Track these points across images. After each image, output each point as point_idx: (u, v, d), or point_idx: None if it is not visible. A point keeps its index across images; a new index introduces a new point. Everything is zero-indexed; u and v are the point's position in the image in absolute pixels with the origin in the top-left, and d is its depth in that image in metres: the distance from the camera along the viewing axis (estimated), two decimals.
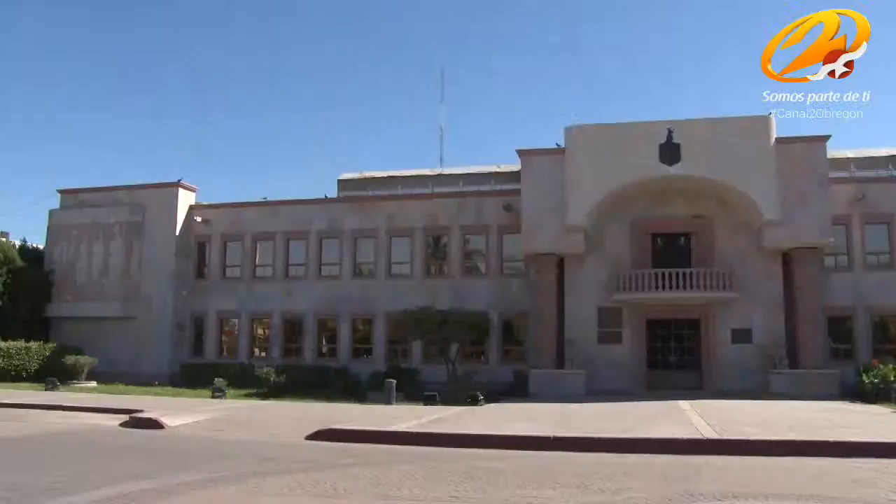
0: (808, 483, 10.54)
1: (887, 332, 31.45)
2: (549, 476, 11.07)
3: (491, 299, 33.35)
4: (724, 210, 31.49)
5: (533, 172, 31.54)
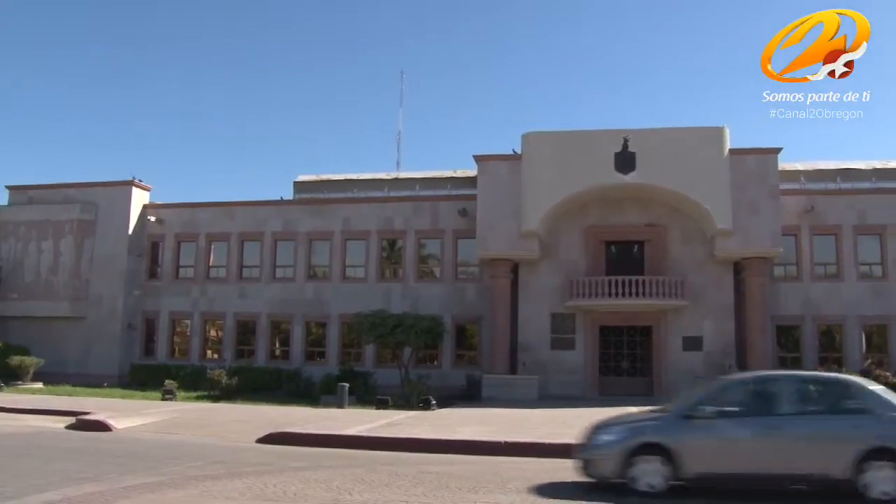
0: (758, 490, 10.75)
1: (833, 341, 32.11)
2: (500, 481, 11.15)
3: (445, 303, 33.40)
4: (677, 219, 31.90)
5: (489, 178, 31.66)
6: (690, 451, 10.42)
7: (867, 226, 32.03)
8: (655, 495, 10.31)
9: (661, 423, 11.14)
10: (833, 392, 11.24)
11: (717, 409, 10.85)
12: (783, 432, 10.41)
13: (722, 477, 10.50)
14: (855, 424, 10.45)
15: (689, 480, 10.47)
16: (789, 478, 10.44)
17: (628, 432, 11.06)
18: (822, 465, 10.23)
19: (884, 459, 10.01)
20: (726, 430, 10.57)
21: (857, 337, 31.60)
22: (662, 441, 10.53)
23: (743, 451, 10.45)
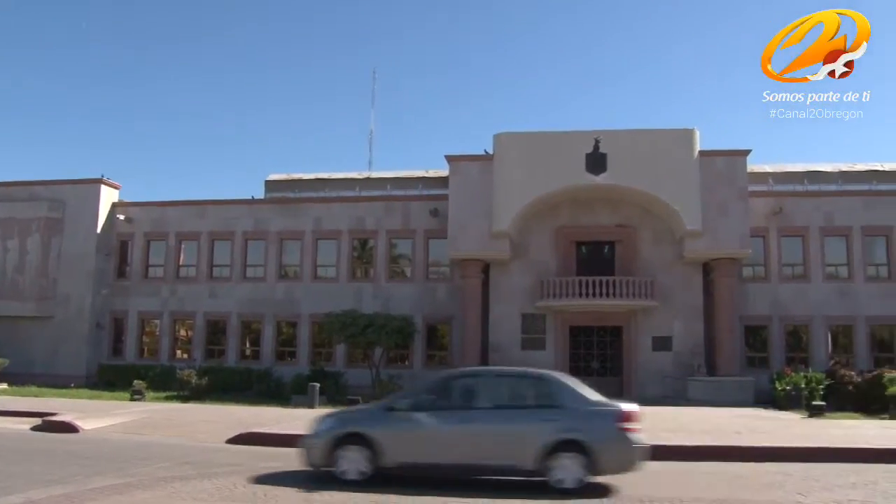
0: (722, 487, 10.87)
1: (800, 341, 32.48)
2: (468, 480, 11.18)
3: (416, 304, 33.42)
4: (647, 220, 32.14)
5: (461, 178, 31.71)
6: (390, 442, 10.99)
7: (833, 227, 32.48)
8: (355, 483, 10.81)
9: (367, 414, 12.00)
10: (529, 387, 11.79)
11: (416, 402, 11.46)
12: (476, 425, 11.03)
13: (420, 466, 11.08)
14: (544, 418, 10.93)
15: (389, 469, 10.98)
16: (482, 468, 11.06)
17: (337, 423, 11.69)
18: (511, 457, 10.79)
19: (570, 451, 10.57)
20: (423, 423, 11.10)
21: (822, 337, 32.01)
22: (365, 431, 11.11)
23: (438, 443, 11.03)
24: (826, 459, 13.48)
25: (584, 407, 11.03)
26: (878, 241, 32.65)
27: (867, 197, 33.13)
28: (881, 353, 31.79)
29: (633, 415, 10.96)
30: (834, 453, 13.95)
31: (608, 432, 10.73)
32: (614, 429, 10.75)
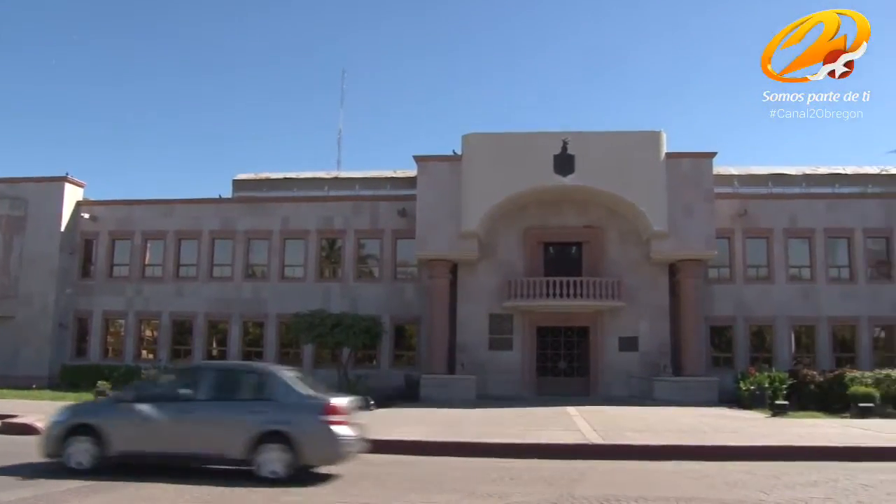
0: (687, 486, 10.95)
1: (764, 342, 32.92)
2: (437, 481, 11.18)
3: (384, 304, 33.39)
4: (614, 221, 32.35)
5: (429, 178, 31.71)
6: (114, 432, 11.48)
7: (797, 229, 32.96)
8: (81, 472, 11.26)
9: (97, 406, 12.82)
10: (246, 380, 12.32)
11: (140, 394, 12.23)
12: (192, 416, 11.57)
13: (141, 455, 11.61)
14: (253, 410, 11.46)
15: (114, 458, 11.48)
16: (196, 457, 11.58)
17: (70, 414, 12.22)
18: (221, 447, 11.35)
19: (275, 442, 11.06)
20: (144, 413, 11.57)
21: (786, 337, 32.48)
22: (92, 422, 11.64)
23: (158, 432, 11.51)
24: (788, 458, 13.64)
25: (294, 400, 11.49)
26: (840, 243, 33.20)
27: (830, 200, 33.68)
28: (842, 352, 32.34)
29: (338, 408, 11.43)
30: (796, 452, 14.12)
31: (312, 425, 11.19)
32: (318, 422, 11.19)
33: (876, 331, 32.96)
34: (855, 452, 14.12)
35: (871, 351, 32.14)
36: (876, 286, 32.76)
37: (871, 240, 33.18)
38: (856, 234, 32.87)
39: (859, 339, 32.39)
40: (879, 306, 32.36)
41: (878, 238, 33.24)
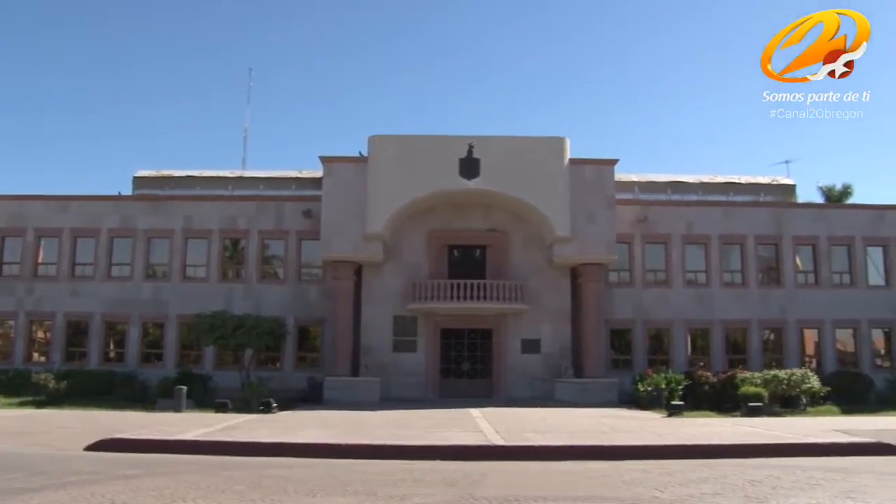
0: (585, 485, 11.14)
1: (661, 344, 33.93)
2: (338, 484, 11.08)
3: (288, 305, 33.05)
4: (518, 225, 32.80)
5: (335, 179, 31.56)
6: None
7: (694, 235, 34.07)
8: None
9: None
10: None
11: None
12: None
13: None
14: None
15: None
16: None
17: None
18: None
19: None
20: None
21: (682, 340, 33.57)
22: None
23: None
24: (683, 456, 14.01)
25: None
26: (734, 249, 34.48)
27: (725, 207, 34.95)
28: (735, 354, 33.60)
29: None
30: (690, 450, 14.51)
31: None
32: None
33: (765, 333, 34.39)
34: (744, 449, 14.62)
35: (760, 353, 33.50)
36: (765, 290, 34.18)
37: (762, 246, 34.58)
38: (748, 241, 34.20)
39: (750, 341, 33.70)
40: (769, 310, 33.78)
41: (768, 245, 34.65)
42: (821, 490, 10.22)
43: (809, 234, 34.55)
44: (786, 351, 33.54)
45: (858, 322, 34.14)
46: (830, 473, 11.75)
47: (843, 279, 34.65)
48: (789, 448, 14.85)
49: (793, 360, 32.45)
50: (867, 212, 35.54)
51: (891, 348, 34.67)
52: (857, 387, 29.06)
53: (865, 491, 10.15)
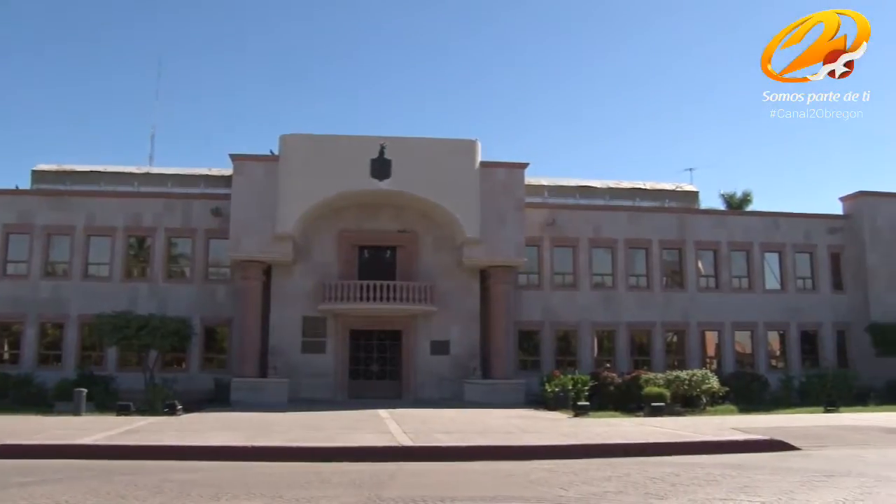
0: (492, 485, 11.27)
1: (569, 346, 34.53)
2: (244, 486, 10.95)
3: (195, 305, 32.39)
4: (429, 226, 32.93)
5: (245, 178, 31.15)
6: None
7: (601, 239, 34.81)
8: None
9: None
10: None
11: None
12: None
13: None
14: None
15: None
16: None
17: None
18: None
19: None
20: None
21: (589, 341, 34.29)
22: None
23: None
24: (588, 455, 14.30)
25: None
26: (639, 253, 35.39)
27: (631, 212, 35.86)
28: (639, 356, 34.50)
29: None
30: (595, 449, 14.82)
31: None
32: None
33: (668, 335, 35.40)
34: (646, 448, 15.03)
35: (664, 354, 34.47)
36: (669, 294, 35.20)
37: (666, 251, 35.60)
38: (653, 246, 35.15)
39: (654, 343, 34.63)
40: (672, 312, 34.80)
41: (672, 249, 35.68)
42: (717, 486, 10.60)
43: (711, 240, 35.76)
44: (688, 352, 34.59)
45: (755, 324, 35.50)
46: (727, 470, 12.19)
47: (741, 283, 35.94)
48: (689, 446, 15.33)
49: (694, 362, 33.54)
50: (764, 219, 37.04)
51: (785, 350, 36.14)
52: (753, 387, 30.20)
53: (758, 486, 10.57)
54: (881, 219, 36.78)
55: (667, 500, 9.49)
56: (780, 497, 9.71)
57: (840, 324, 36.42)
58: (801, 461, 13.47)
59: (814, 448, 15.48)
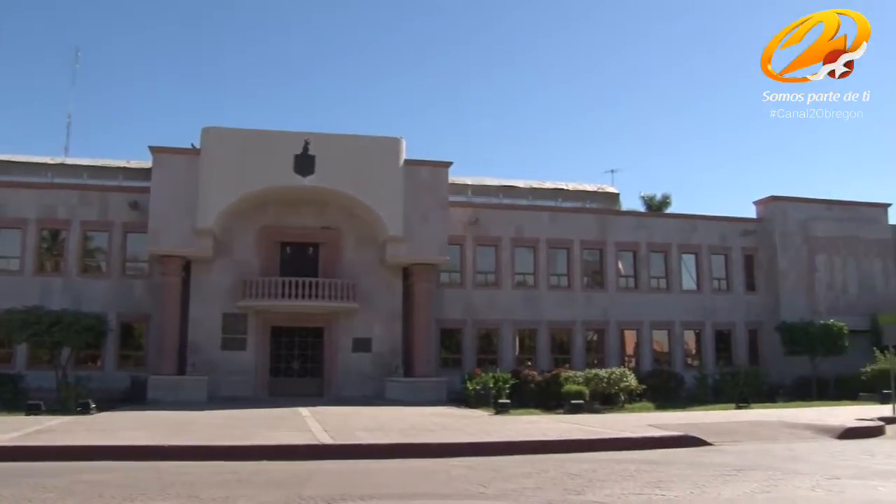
0: (412, 482, 11.30)
1: (491, 343, 34.78)
2: (160, 487, 10.73)
3: (111, 301, 31.52)
4: (352, 224, 32.79)
5: (165, 171, 30.51)
6: None
7: (523, 238, 35.15)
8: None
9: None
10: None
11: None
12: None
13: None
14: None
15: None
16: None
17: None
18: None
19: None
20: None
21: (511, 340, 34.62)
22: None
23: None
24: (508, 453, 14.44)
25: None
26: (560, 253, 35.86)
27: (552, 212, 36.35)
28: (560, 354, 34.98)
29: None
30: (515, 447, 14.97)
31: None
32: None
33: (589, 334, 35.97)
34: (565, 445, 15.23)
35: (584, 352, 35.02)
36: (589, 293, 35.78)
37: (587, 251, 36.15)
38: (574, 246, 35.67)
39: (574, 341, 35.15)
40: (592, 312, 35.38)
41: (592, 250, 36.25)
42: (633, 481, 10.83)
43: (631, 241, 36.48)
44: (607, 351, 35.21)
45: (672, 324, 36.38)
46: (643, 465, 12.46)
47: (660, 284, 36.75)
48: (607, 443, 15.63)
49: (614, 360, 34.16)
50: (682, 221, 38.00)
51: (700, 348, 37.09)
52: (670, 384, 31.03)
53: (672, 480, 10.85)
54: (791, 223, 38.06)
55: (584, 496, 9.65)
56: (692, 491, 9.98)
57: (752, 323, 37.61)
58: (713, 456, 13.87)
59: (726, 443, 15.99)
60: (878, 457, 13.92)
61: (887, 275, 38.86)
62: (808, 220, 38.14)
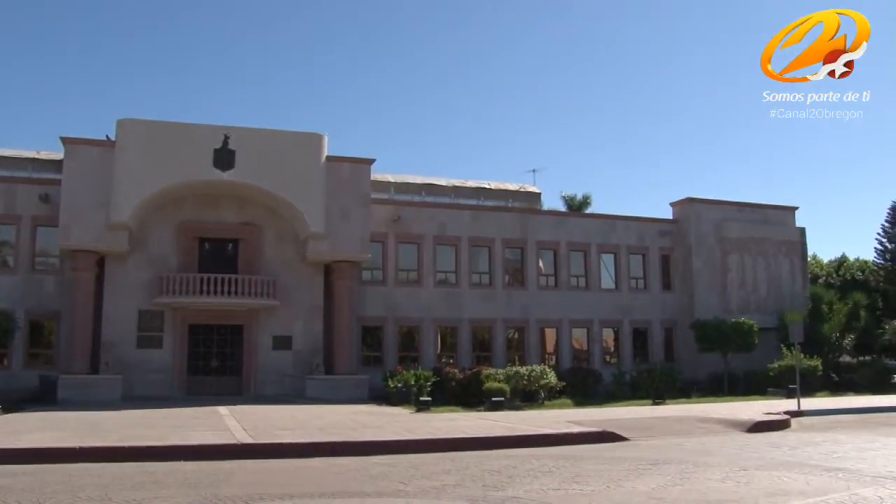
0: (332, 481, 11.20)
1: (412, 341, 34.79)
2: (71, 490, 10.40)
3: (19, 297, 30.43)
4: (273, 220, 32.40)
5: (77, 163, 29.60)
6: None
7: (445, 237, 35.25)
8: None
9: None
10: None
11: None
12: None
13: None
14: None
15: None
16: None
17: None
18: None
19: None
20: None
21: (432, 337, 34.68)
22: None
23: None
24: (429, 450, 14.45)
25: None
26: (482, 251, 36.08)
27: (475, 211, 36.54)
28: (481, 352, 35.20)
29: None
30: (436, 444, 14.98)
31: None
32: None
33: (510, 332, 36.29)
34: (486, 442, 15.32)
35: (505, 350, 35.30)
36: (510, 291, 36.10)
37: (508, 249, 36.44)
38: (496, 244, 35.91)
39: (495, 339, 35.39)
40: (513, 310, 35.71)
41: (514, 248, 36.56)
42: (552, 476, 10.94)
43: (551, 240, 36.92)
44: (528, 348, 35.57)
45: (591, 322, 36.97)
46: (562, 461, 12.60)
47: (579, 282, 37.29)
48: (527, 439, 15.76)
49: (534, 357, 34.51)
50: (601, 221, 38.70)
51: (618, 346, 37.79)
52: (588, 381, 31.65)
53: (590, 475, 11.01)
54: (705, 224, 39.06)
55: (504, 492, 9.69)
56: (608, 485, 10.15)
57: (668, 321, 38.50)
58: (629, 451, 14.15)
59: (642, 438, 16.33)
60: (783, 448, 14.40)
61: (794, 274, 40.25)
62: (721, 222, 39.17)
